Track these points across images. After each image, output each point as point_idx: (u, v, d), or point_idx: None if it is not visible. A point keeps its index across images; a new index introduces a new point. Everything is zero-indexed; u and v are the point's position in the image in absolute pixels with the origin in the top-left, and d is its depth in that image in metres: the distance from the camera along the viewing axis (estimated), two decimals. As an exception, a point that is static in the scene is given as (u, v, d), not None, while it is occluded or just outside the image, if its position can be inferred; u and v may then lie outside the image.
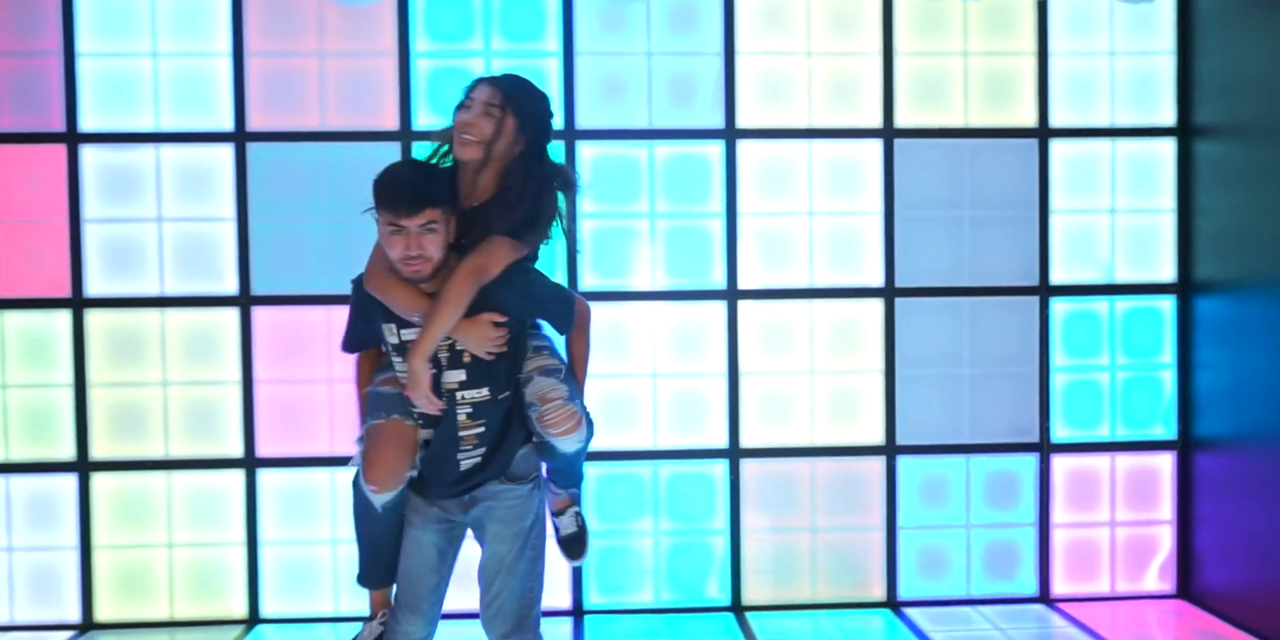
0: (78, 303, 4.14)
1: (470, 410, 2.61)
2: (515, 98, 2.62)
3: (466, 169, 2.63)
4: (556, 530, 2.97)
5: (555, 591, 4.11)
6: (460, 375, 2.60)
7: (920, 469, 4.35)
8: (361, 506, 2.69)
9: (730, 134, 4.28)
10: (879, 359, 4.32)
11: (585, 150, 4.26)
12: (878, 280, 4.32)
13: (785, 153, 4.31)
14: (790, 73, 4.30)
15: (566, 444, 2.64)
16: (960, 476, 4.35)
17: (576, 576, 4.27)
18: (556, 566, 3.26)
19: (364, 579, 2.84)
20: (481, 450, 2.63)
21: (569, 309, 2.72)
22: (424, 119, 4.19)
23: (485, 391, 2.61)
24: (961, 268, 4.34)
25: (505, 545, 2.69)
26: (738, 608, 4.30)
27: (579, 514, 2.97)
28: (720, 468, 4.31)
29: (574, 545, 2.96)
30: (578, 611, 4.26)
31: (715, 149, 4.28)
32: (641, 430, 4.30)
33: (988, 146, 4.34)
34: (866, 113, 4.31)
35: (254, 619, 4.23)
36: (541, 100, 2.70)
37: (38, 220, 4.14)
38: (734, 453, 4.30)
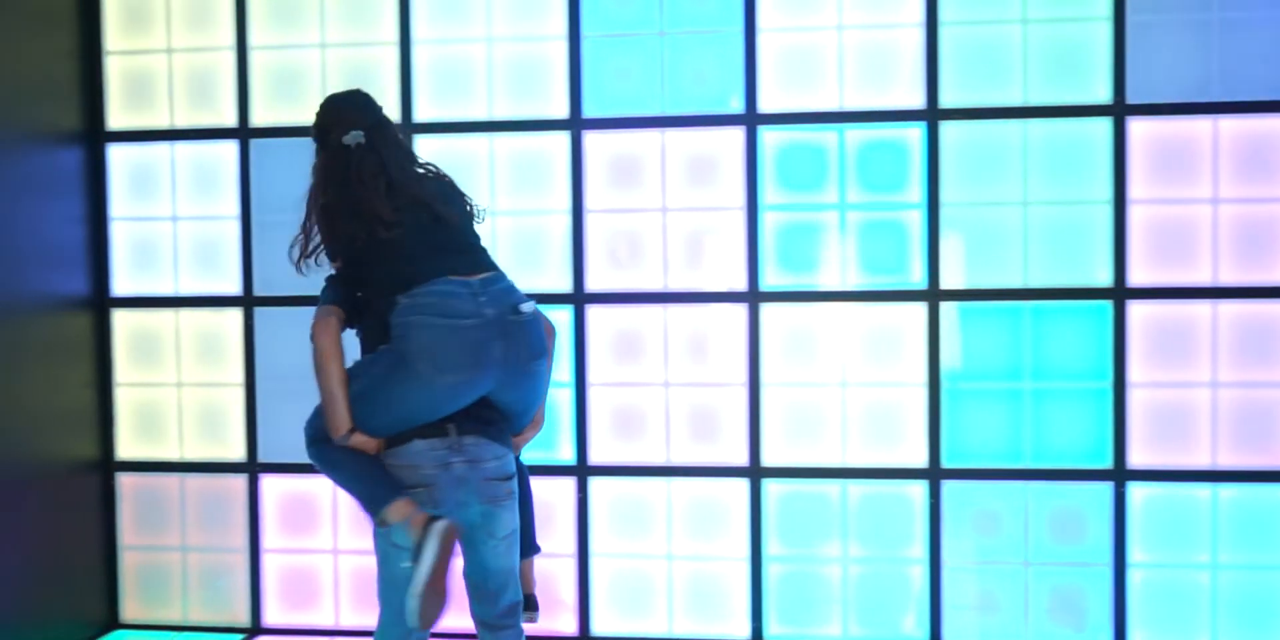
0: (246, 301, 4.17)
1: None
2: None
3: None
4: None
5: (734, 618, 3.91)
6: None
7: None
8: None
9: (932, 115, 3.83)
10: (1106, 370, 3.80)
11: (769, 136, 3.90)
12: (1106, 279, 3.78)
13: (995, 134, 3.83)
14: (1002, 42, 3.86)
15: None
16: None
17: (757, 602, 3.96)
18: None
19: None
20: None
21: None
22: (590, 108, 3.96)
23: None
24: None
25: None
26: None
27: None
28: (919, 489, 3.88)
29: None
30: (763, 641, 4.00)
31: (915, 132, 3.84)
32: (829, 444, 3.91)
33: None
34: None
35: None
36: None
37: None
38: (934, 473, 3.87)
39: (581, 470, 3.96)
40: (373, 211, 2.65)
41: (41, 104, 3.96)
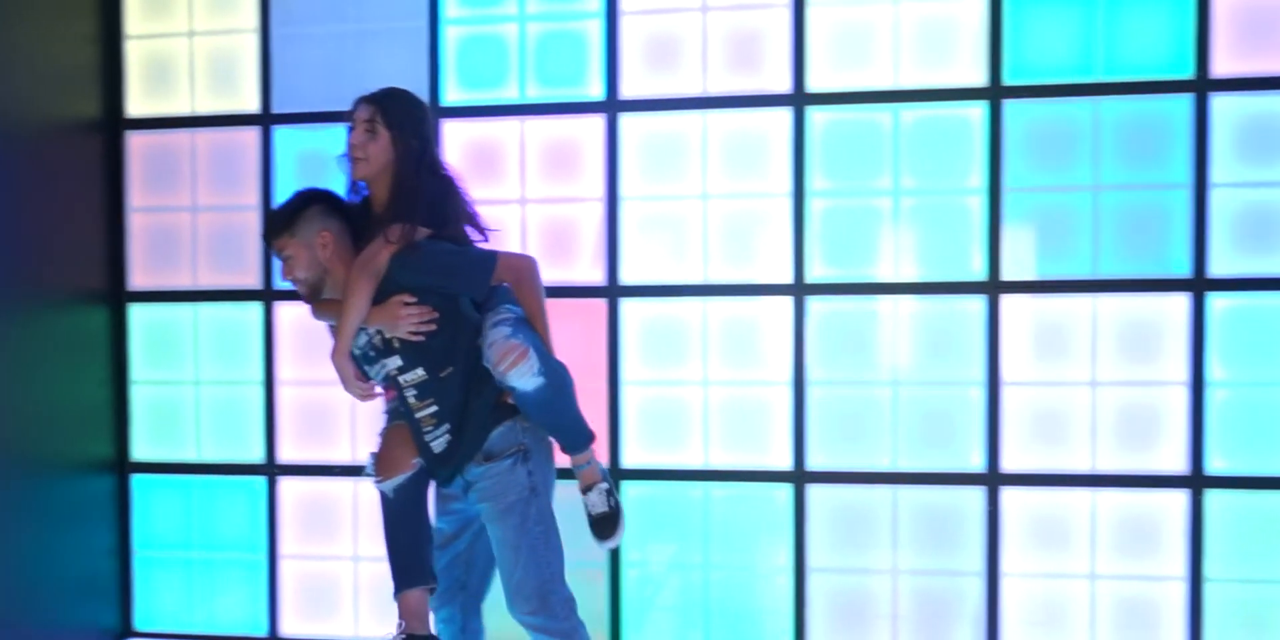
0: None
1: (415, 391, 2.73)
2: (387, 110, 2.74)
3: (371, 185, 2.78)
4: (586, 510, 2.90)
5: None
6: (396, 360, 2.73)
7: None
8: (381, 502, 2.78)
9: (995, 93, 3.57)
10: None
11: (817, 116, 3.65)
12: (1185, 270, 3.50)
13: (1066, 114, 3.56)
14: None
15: (520, 380, 2.60)
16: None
17: (800, 616, 3.70)
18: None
19: (395, 581, 2.77)
20: (446, 428, 2.73)
21: (481, 273, 2.72)
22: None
23: (421, 372, 2.72)
24: None
25: (501, 523, 2.73)
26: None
27: (609, 491, 2.89)
28: (976, 495, 3.61)
29: (603, 525, 2.88)
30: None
31: (977, 111, 3.58)
32: (880, 448, 3.65)
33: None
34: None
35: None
36: (415, 105, 2.80)
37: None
38: (993, 479, 3.59)
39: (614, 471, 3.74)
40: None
41: (60, 92, 3.81)
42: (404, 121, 2.73)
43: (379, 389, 2.83)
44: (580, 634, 2.77)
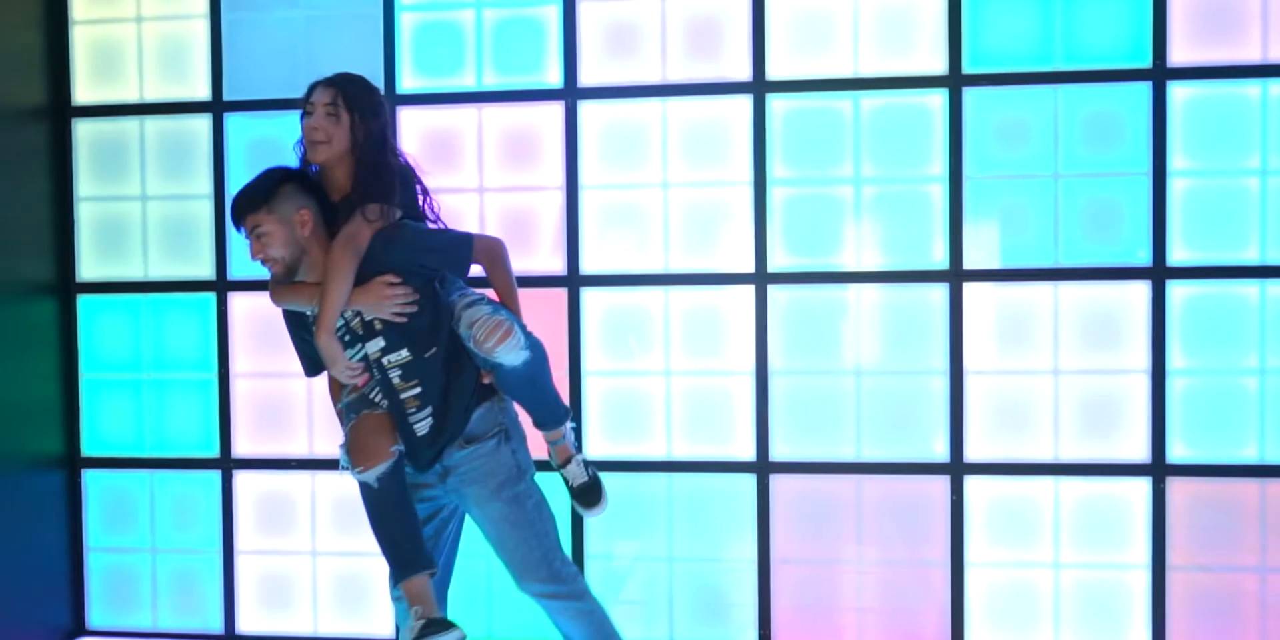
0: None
1: (400, 372, 2.69)
2: (348, 93, 2.71)
3: (329, 170, 2.73)
4: (567, 483, 2.98)
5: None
6: (379, 342, 2.69)
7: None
8: (364, 495, 2.69)
9: (956, 81, 3.55)
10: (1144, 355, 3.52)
11: (777, 104, 3.62)
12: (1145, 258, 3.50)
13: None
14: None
15: (508, 355, 2.63)
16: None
17: (765, 608, 3.69)
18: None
19: (395, 573, 2.70)
20: (429, 411, 2.70)
21: (464, 252, 2.75)
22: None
23: (406, 353, 2.68)
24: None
25: (494, 502, 2.73)
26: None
27: (584, 462, 2.98)
28: (940, 484, 3.58)
29: (588, 494, 2.97)
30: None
31: (937, 99, 3.56)
32: (844, 438, 3.62)
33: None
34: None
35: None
36: (373, 89, 2.78)
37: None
38: (957, 468, 3.56)
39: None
40: None
41: (3, 78, 3.71)
42: (365, 104, 2.69)
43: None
44: (590, 594, 2.82)
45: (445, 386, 2.69)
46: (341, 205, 2.67)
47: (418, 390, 2.68)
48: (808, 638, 3.64)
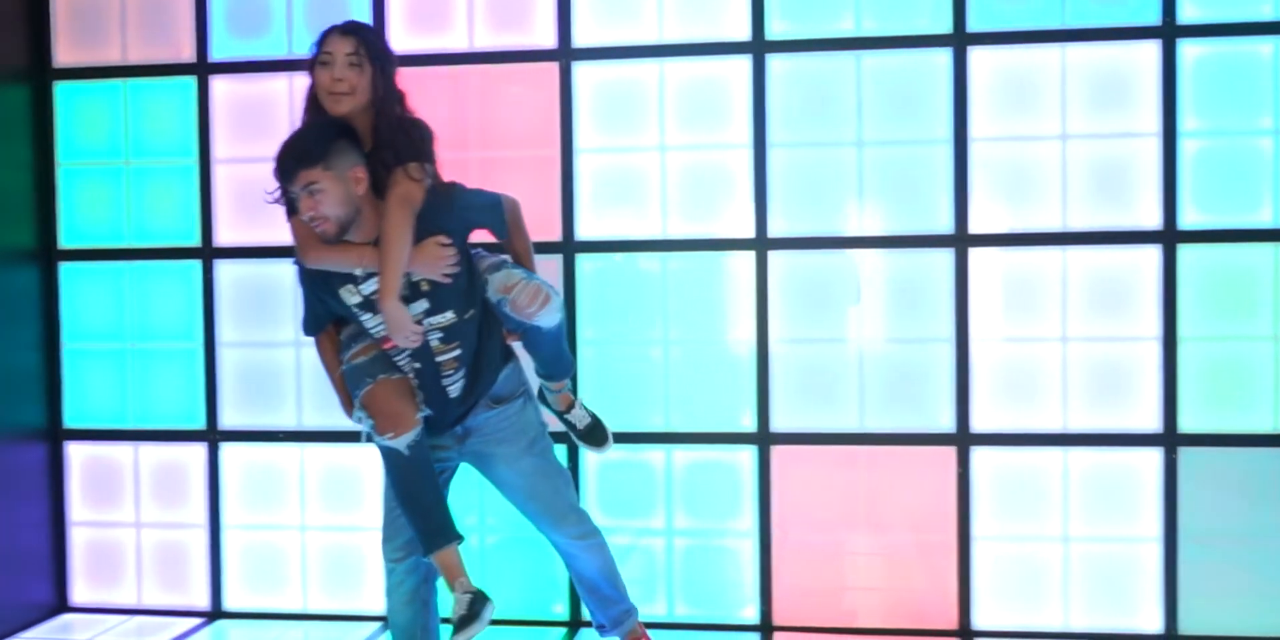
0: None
1: (442, 335, 2.63)
2: (369, 42, 2.62)
3: (351, 123, 2.62)
4: (573, 427, 3.07)
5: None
6: (424, 304, 2.61)
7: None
8: (391, 462, 2.64)
9: (960, 40, 3.44)
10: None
11: (777, 65, 3.55)
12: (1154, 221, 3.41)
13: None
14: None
15: (546, 318, 2.67)
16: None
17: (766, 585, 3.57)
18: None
19: (425, 543, 2.67)
20: (463, 372, 2.67)
21: (501, 212, 2.73)
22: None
23: (450, 315, 2.63)
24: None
25: (527, 458, 2.79)
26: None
27: (584, 405, 3.08)
28: (947, 455, 3.48)
29: (594, 435, 3.07)
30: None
31: (943, 58, 3.50)
32: (848, 409, 3.58)
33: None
34: None
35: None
36: (383, 37, 2.73)
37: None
38: (963, 439, 3.49)
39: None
40: None
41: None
42: (385, 54, 2.63)
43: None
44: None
45: (478, 349, 2.68)
46: (369, 158, 2.58)
47: (456, 352, 2.64)
48: (810, 614, 3.55)
